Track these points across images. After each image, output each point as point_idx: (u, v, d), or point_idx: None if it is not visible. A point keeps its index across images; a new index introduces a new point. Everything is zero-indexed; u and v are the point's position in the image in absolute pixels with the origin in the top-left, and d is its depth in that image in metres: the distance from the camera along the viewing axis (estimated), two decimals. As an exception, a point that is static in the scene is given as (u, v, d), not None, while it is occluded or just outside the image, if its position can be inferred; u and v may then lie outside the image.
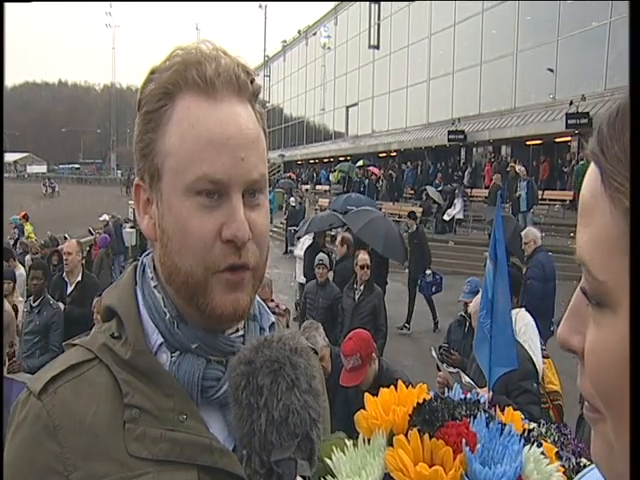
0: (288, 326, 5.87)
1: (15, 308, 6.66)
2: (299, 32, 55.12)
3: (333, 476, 0.71)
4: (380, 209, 16.21)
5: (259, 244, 0.91)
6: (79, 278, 7.10)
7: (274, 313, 1.07)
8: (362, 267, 7.39)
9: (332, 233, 14.43)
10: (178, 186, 0.87)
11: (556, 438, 2.30)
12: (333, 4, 46.52)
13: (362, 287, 7.37)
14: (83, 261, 7.57)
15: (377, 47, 38.74)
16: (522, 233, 8.51)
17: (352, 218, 11.05)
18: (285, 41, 59.69)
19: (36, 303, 6.35)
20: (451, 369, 3.82)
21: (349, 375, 4.02)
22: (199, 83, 0.87)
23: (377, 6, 38.25)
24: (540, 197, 19.13)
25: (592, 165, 0.49)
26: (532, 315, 4.83)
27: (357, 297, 7.35)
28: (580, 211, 0.50)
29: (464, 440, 0.65)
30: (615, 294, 0.46)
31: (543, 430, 2.35)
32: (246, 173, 0.88)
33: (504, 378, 3.46)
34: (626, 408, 0.45)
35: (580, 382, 0.50)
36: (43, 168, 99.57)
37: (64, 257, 7.34)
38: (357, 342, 4.09)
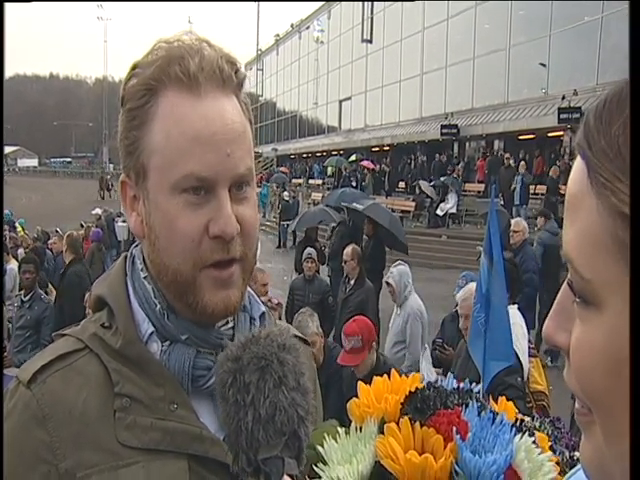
0: (280, 318, 5.87)
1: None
2: (292, 26, 54.93)
3: (325, 463, 0.71)
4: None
5: (247, 236, 0.91)
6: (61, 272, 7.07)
7: (265, 306, 1.07)
8: (346, 261, 7.40)
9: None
10: (164, 184, 0.87)
11: (550, 432, 2.31)
12: (326, -2, 46.41)
13: (353, 281, 7.37)
14: (72, 256, 7.45)
15: (370, 41, 38.68)
16: (512, 221, 8.52)
17: (373, 210, 11.07)
18: (278, 35, 59.48)
19: (27, 297, 6.32)
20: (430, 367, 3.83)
21: (347, 356, 4.03)
22: (182, 79, 0.86)
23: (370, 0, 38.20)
24: (533, 192, 19.19)
25: (578, 158, 0.48)
26: (528, 308, 4.89)
27: (347, 291, 7.36)
28: (567, 205, 0.49)
29: (454, 428, 0.65)
30: (601, 292, 0.45)
31: (537, 424, 2.36)
32: (233, 168, 0.87)
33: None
34: (613, 407, 0.45)
35: (567, 377, 0.50)
36: (34, 162, 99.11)
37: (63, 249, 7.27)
38: (360, 325, 4.12)
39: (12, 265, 8.72)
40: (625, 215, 0.42)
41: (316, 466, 0.71)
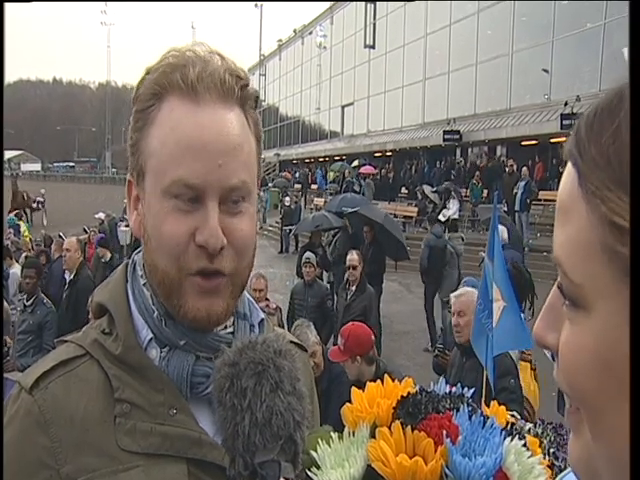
0: (280, 325, 5.88)
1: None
2: (295, 31, 55.05)
3: (318, 468, 0.72)
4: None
5: (239, 250, 0.90)
6: (71, 277, 7.07)
7: (263, 312, 1.08)
8: (349, 267, 7.39)
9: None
10: (157, 187, 0.88)
11: (552, 438, 2.30)
12: (329, 3, 46.48)
13: (354, 287, 7.37)
14: (80, 259, 7.46)
15: (373, 47, 38.75)
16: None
17: (368, 209, 11.17)
18: (281, 40, 59.58)
19: (29, 302, 6.32)
20: None
21: (333, 351, 4.28)
22: (182, 86, 0.87)
23: (373, 6, 38.25)
24: (537, 196, 19.14)
25: (569, 165, 0.49)
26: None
27: (349, 297, 7.36)
28: (557, 210, 0.50)
29: (445, 432, 0.66)
30: (590, 297, 0.46)
31: (539, 430, 2.35)
32: (223, 179, 0.87)
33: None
34: (601, 407, 0.46)
35: (556, 377, 0.51)
36: (37, 166, 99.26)
37: (63, 254, 7.29)
38: (351, 332, 4.23)
39: (15, 269, 8.74)
40: (614, 224, 0.43)
41: (309, 470, 0.72)
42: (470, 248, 16.55)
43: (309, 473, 0.72)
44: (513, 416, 0.84)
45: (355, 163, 32.42)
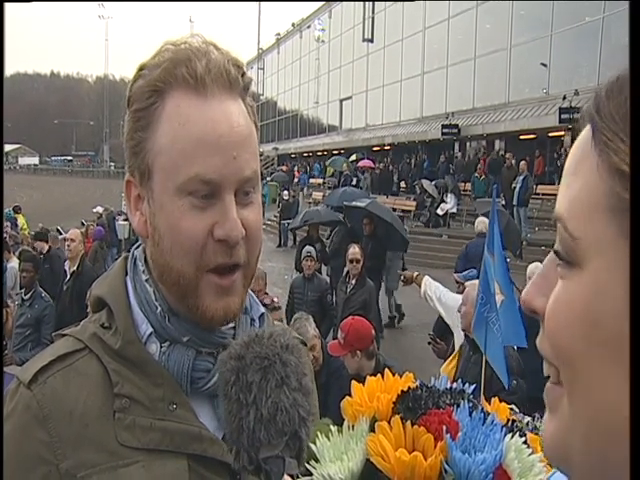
0: (282, 320, 5.87)
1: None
2: (293, 25, 54.86)
3: (317, 461, 0.72)
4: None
5: (251, 241, 0.91)
6: (74, 268, 7.05)
7: (265, 306, 1.08)
8: (351, 261, 7.40)
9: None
10: (170, 186, 0.87)
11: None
12: (327, -3, 46.33)
13: (354, 281, 7.38)
14: (82, 251, 7.45)
15: (371, 40, 38.64)
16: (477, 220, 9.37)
17: (375, 206, 11.22)
18: (279, 34, 59.38)
19: (27, 296, 6.31)
20: None
21: (333, 345, 4.27)
22: (189, 80, 0.86)
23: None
24: (534, 192, 19.15)
25: (584, 130, 0.49)
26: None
27: (348, 291, 7.36)
28: (567, 167, 0.50)
29: (445, 427, 0.66)
30: (587, 252, 0.46)
31: (538, 424, 2.36)
32: (239, 172, 0.87)
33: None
34: (582, 368, 0.45)
35: (540, 342, 0.50)
36: (35, 160, 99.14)
37: (66, 244, 7.27)
38: (351, 326, 4.21)
39: (13, 263, 8.72)
40: (624, 172, 0.43)
41: (308, 463, 0.72)
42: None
43: (308, 466, 0.72)
44: (512, 410, 0.84)
45: (353, 157, 32.37)
